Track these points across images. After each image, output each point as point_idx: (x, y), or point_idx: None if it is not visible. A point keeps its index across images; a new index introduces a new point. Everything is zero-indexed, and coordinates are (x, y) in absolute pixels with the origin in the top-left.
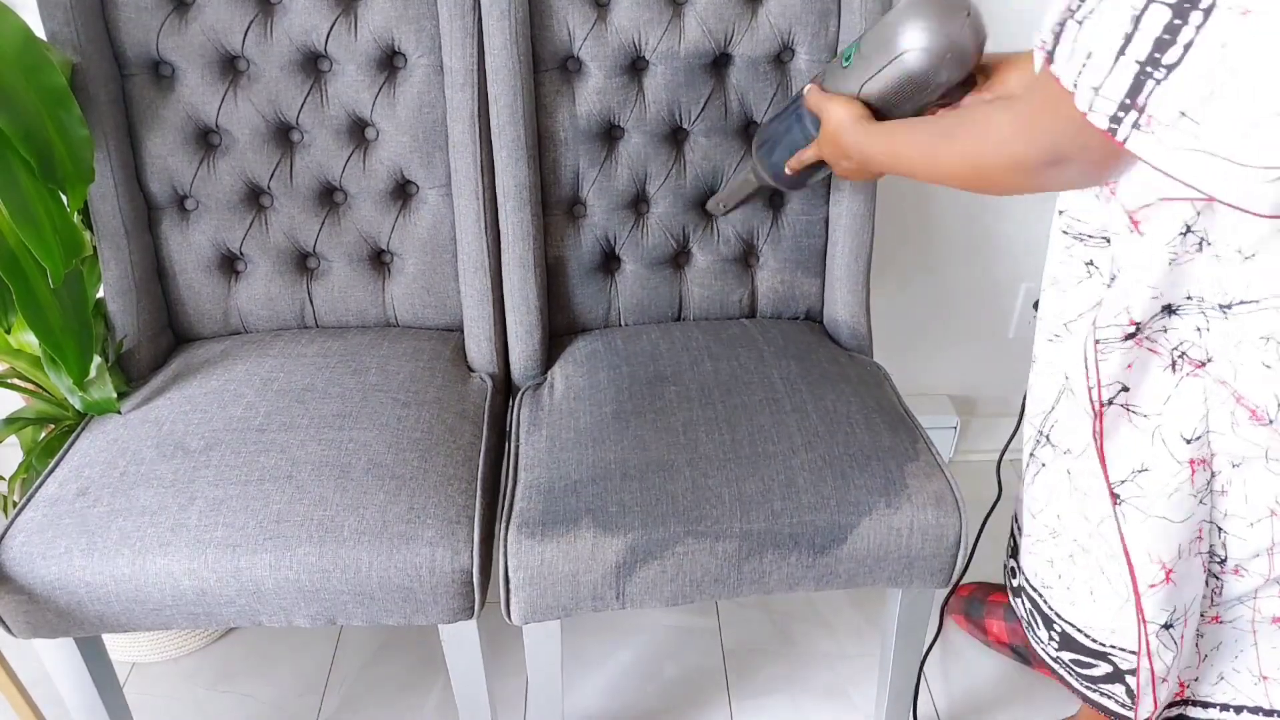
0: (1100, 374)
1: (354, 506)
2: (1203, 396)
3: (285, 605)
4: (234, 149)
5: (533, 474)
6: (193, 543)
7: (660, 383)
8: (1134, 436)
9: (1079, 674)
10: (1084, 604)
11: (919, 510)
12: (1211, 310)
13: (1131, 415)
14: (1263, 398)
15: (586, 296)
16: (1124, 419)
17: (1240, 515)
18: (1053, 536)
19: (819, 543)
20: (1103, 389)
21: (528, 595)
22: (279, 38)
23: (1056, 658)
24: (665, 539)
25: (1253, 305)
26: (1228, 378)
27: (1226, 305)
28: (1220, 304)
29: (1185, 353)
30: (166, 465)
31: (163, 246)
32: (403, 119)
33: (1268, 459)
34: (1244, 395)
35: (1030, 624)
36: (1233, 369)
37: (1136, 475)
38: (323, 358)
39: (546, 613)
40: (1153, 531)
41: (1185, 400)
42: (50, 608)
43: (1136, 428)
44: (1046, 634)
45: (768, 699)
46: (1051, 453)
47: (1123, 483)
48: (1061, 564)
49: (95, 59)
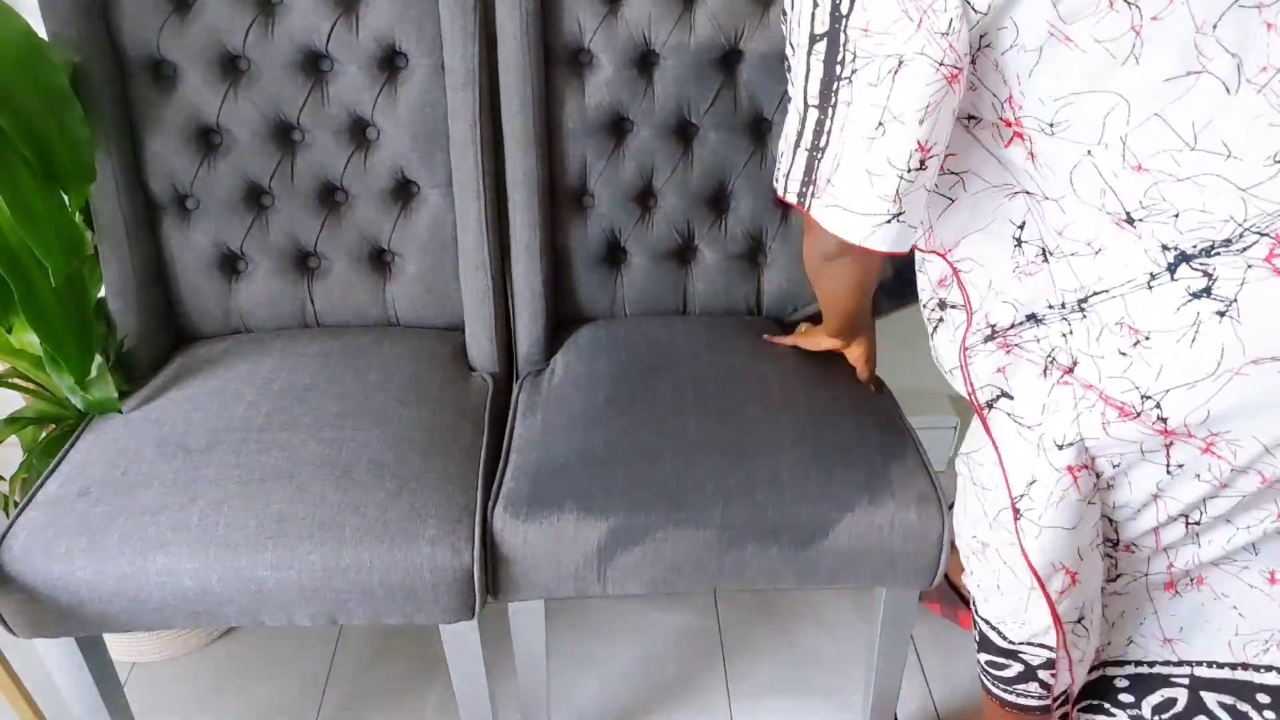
0: (971, 375)
1: (355, 506)
2: (1073, 402)
3: (286, 604)
4: (235, 149)
5: (523, 456)
6: (194, 542)
7: (656, 373)
8: (1023, 449)
9: (994, 676)
10: (994, 599)
11: (901, 508)
12: (1071, 313)
13: (1019, 426)
14: (1126, 392)
15: (591, 287)
16: (1012, 430)
17: (1128, 504)
18: (959, 537)
19: (801, 537)
20: (978, 390)
21: (511, 574)
22: (280, 38)
23: (978, 660)
24: (646, 524)
25: (1104, 295)
26: (1093, 380)
27: (1083, 300)
28: (1078, 301)
29: (1055, 359)
30: (167, 465)
31: (164, 246)
32: (404, 119)
33: (1143, 452)
34: (1110, 394)
35: None
36: (1096, 369)
37: (1029, 488)
38: (323, 357)
39: (529, 592)
40: (1051, 542)
41: (1058, 407)
42: (51, 607)
43: (1025, 440)
44: (976, 634)
45: (768, 699)
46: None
47: (1020, 496)
48: (971, 561)
49: (97, 59)
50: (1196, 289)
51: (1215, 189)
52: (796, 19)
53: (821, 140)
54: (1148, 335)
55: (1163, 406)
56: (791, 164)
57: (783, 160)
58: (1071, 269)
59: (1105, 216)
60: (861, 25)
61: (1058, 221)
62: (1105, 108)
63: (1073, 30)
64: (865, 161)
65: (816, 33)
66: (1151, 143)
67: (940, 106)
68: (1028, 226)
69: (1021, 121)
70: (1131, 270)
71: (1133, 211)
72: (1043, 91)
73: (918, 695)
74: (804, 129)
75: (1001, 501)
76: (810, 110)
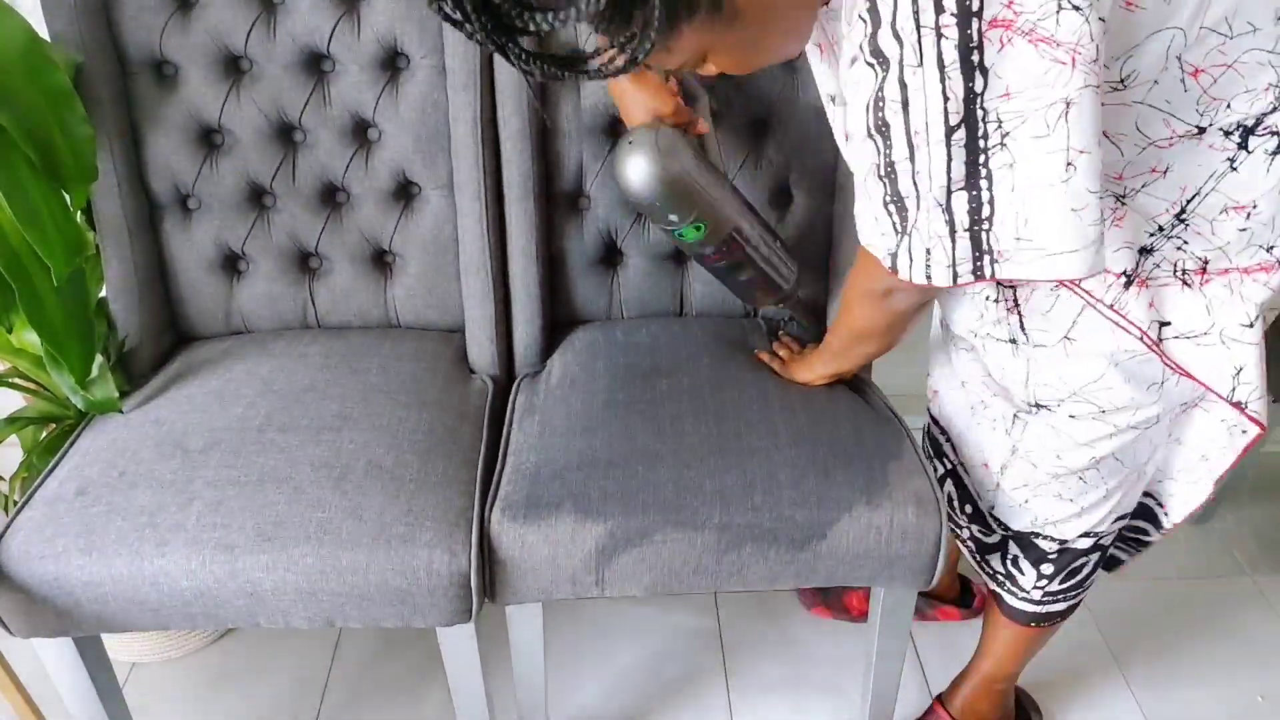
0: (1135, 323)
1: (352, 508)
2: (1229, 289)
3: (283, 607)
4: (237, 149)
5: (521, 458)
6: (191, 543)
7: (654, 375)
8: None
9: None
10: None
11: (899, 509)
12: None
13: (1193, 341)
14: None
15: (588, 289)
16: (1190, 347)
17: None
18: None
19: (798, 538)
20: (1147, 331)
21: (509, 577)
22: (282, 38)
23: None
24: (645, 527)
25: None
26: (1226, 264)
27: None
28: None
29: (1185, 269)
30: (166, 465)
31: (165, 246)
32: (405, 119)
33: None
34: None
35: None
36: (1226, 256)
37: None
38: (324, 358)
39: (527, 594)
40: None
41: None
42: (49, 607)
43: (1206, 346)
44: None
45: (768, 699)
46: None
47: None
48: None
49: (98, 58)
50: (1272, 148)
51: (1251, 65)
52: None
53: (983, 213)
54: (1254, 204)
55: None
56: (953, 252)
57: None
58: (1151, 195)
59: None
60: (1001, 93)
61: (1114, 169)
62: (1165, 42)
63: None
64: (1067, 202)
65: (952, 124)
66: (1202, 48)
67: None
68: None
69: None
70: (1209, 166)
71: (1198, 122)
72: (1106, 57)
73: (918, 695)
74: (953, 217)
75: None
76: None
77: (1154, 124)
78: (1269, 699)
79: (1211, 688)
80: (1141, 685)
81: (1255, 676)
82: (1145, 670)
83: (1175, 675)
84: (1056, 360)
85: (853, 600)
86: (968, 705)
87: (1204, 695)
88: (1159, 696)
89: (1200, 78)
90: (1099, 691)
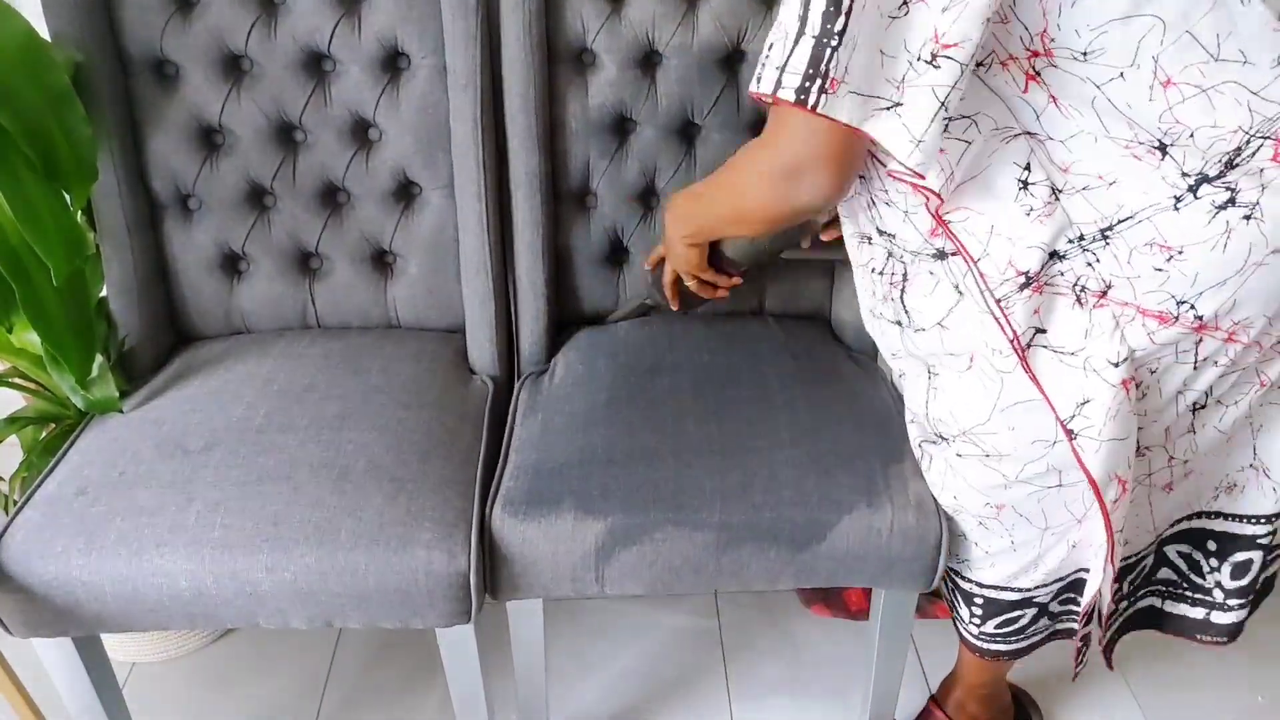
0: (1013, 324)
1: (352, 509)
2: (1114, 322)
3: (282, 607)
4: (237, 149)
5: (522, 455)
6: (190, 543)
7: (656, 373)
8: (1068, 374)
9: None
10: (1004, 560)
11: (900, 511)
12: (1094, 243)
13: (1059, 355)
14: (1163, 302)
15: (594, 286)
16: (1053, 361)
17: (1155, 407)
18: (956, 514)
19: (798, 538)
20: (1020, 335)
21: (509, 573)
22: (282, 38)
23: (975, 633)
24: (644, 525)
25: (1129, 221)
26: (1128, 298)
27: (1106, 229)
28: (1100, 231)
29: (1085, 286)
30: (165, 465)
31: (165, 245)
32: (406, 120)
33: (1177, 353)
34: (1147, 307)
35: (953, 607)
36: (1130, 287)
37: (1081, 408)
38: (324, 359)
39: (528, 591)
40: (1110, 454)
41: (1100, 329)
42: (48, 607)
43: (1067, 365)
44: (968, 612)
45: (768, 699)
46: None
47: (1071, 418)
48: (977, 533)
49: (99, 58)
50: (1221, 201)
51: (1227, 100)
52: None
53: (837, 24)
54: (1180, 250)
55: (1197, 306)
56: (789, 54)
57: (773, 52)
58: (1087, 202)
59: (1119, 148)
60: None
61: (1063, 159)
62: (1143, 30)
63: None
64: (880, 40)
65: None
66: (1181, 58)
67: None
68: (1033, 168)
69: (1052, 52)
70: (1153, 196)
71: (1161, 138)
72: (1080, 22)
73: (918, 696)
74: (808, 12)
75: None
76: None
77: (1116, 121)
78: (1269, 699)
79: (1211, 688)
80: (1141, 685)
81: (1255, 676)
82: (1145, 670)
83: (1175, 675)
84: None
85: (852, 597)
86: (959, 705)
87: (1204, 695)
88: (1159, 696)
89: (1169, 91)
90: (1099, 691)
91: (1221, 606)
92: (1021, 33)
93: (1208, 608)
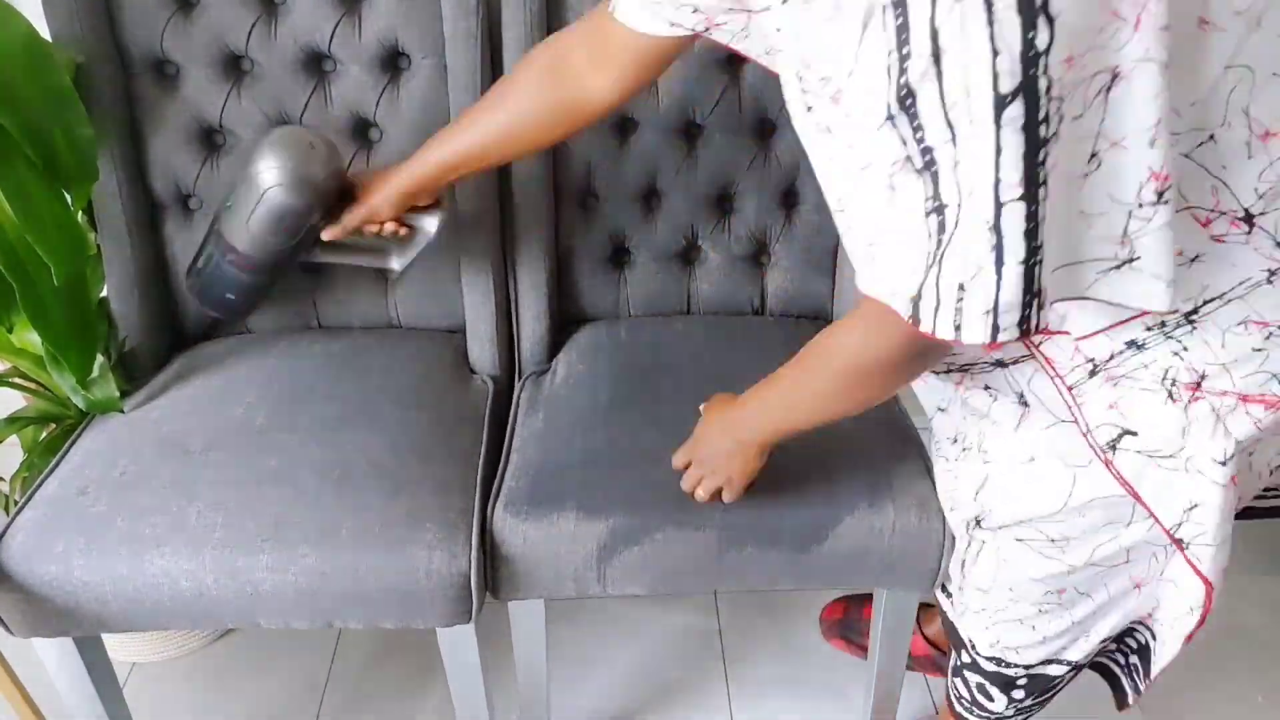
0: (1085, 416)
1: (352, 509)
2: (1214, 415)
3: (283, 607)
4: (238, 149)
5: (524, 455)
6: (191, 543)
7: (658, 373)
8: (1170, 477)
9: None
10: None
11: (902, 512)
12: (1178, 329)
13: (1154, 460)
14: (1265, 384)
15: (596, 288)
16: (1148, 465)
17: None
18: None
19: (800, 539)
20: (1093, 431)
21: (510, 573)
22: (283, 38)
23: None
24: (646, 525)
25: (1218, 301)
26: (1227, 386)
27: (1191, 313)
28: (1185, 315)
29: (1175, 379)
30: (166, 465)
31: (166, 246)
32: (406, 119)
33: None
34: (1249, 393)
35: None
36: (1227, 374)
37: (1189, 514)
38: (325, 359)
39: (530, 591)
40: (1223, 552)
41: (1200, 425)
42: (48, 607)
43: (1165, 469)
44: (1005, 700)
45: (768, 699)
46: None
47: (1178, 525)
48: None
49: (100, 58)
50: None
51: None
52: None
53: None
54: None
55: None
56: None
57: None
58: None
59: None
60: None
61: None
62: (1231, 84)
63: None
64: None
65: (1003, 91)
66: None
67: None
68: None
69: None
70: (1245, 271)
71: (1250, 206)
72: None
73: (919, 696)
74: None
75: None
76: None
77: (1199, 188)
78: (1269, 699)
79: (1212, 687)
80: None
81: (1255, 676)
82: None
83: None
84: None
85: None
86: None
87: (1205, 694)
88: (1159, 696)
89: (1270, 144)
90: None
91: None
92: None
93: None
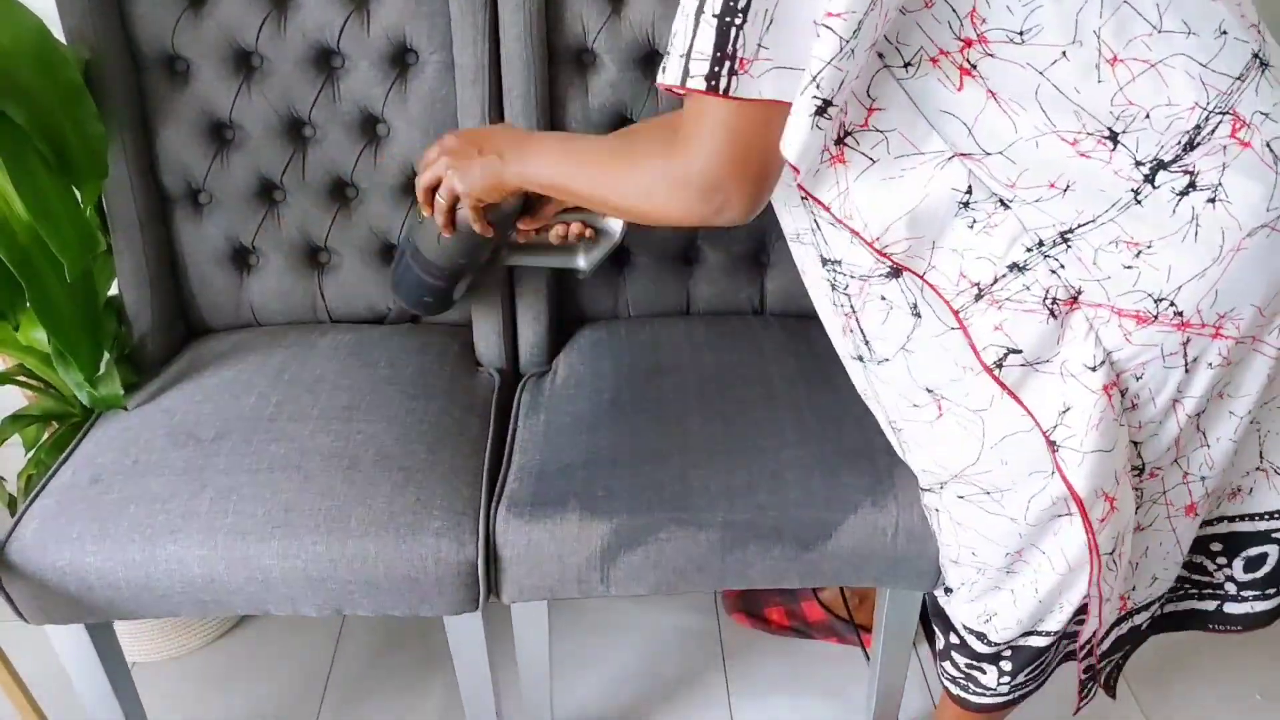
0: (972, 337)
1: (361, 497)
2: (1087, 325)
3: (292, 594)
4: (247, 144)
5: (526, 456)
6: (202, 530)
7: (659, 373)
8: (1046, 381)
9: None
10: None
11: (905, 511)
12: (1054, 249)
13: (1034, 368)
14: (1139, 301)
15: (595, 288)
16: (1029, 374)
17: (1153, 419)
18: (981, 573)
19: (803, 538)
20: (981, 352)
21: (515, 574)
22: (292, 34)
23: (1013, 687)
24: (649, 525)
25: (1090, 225)
26: (1101, 300)
27: (1066, 233)
28: (1060, 234)
29: (1055, 298)
30: (178, 454)
31: (176, 240)
32: (414, 115)
33: (1164, 356)
34: (1123, 307)
35: (972, 673)
36: (1103, 290)
37: (1062, 416)
38: (333, 350)
39: (533, 592)
40: (1094, 467)
41: (1074, 334)
42: (62, 594)
43: (1044, 374)
44: (995, 673)
45: (769, 699)
46: (936, 496)
47: (1054, 428)
48: (1008, 584)
49: (111, 55)
50: (1180, 187)
51: (1178, 74)
52: None
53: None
54: (1149, 244)
55: (1176, 302)
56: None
57: (676, 40)
58: (1042, 210)
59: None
60: None
61: (1007, 174)
62: (1078, 2)
63: None
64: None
65: None
66: (1124, 31)
67: None
68: (974, 189)
69: (986, 37)
70: (1113, 194)
71: (1113, 125)
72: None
73: (919, 697)
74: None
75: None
76: None
77: (1062, 112)
78: (1268, 698)
79: (1211, 687)
80: (1141, 684)
81: (1255, 675)
82: (1144, 669)
83: (1175, 674)
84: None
85: (773, 614)
86: None
87: (1204, 694)
88: (1158, 695)
89: (1118, 69)
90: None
91: (1235, 598)
92: (949, 17)
93: (1219, 599)
